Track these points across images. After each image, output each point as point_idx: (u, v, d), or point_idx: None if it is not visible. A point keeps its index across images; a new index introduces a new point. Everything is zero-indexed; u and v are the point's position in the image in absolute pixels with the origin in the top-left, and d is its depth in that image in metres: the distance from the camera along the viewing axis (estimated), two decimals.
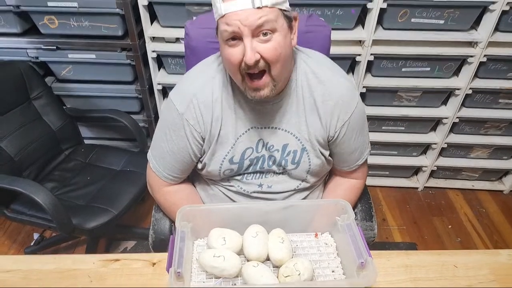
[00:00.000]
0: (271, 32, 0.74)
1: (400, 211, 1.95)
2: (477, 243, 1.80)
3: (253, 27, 0.72)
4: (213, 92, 0.87)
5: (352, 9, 1.47)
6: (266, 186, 0.97)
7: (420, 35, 1.52)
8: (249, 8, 0.71)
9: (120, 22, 1.51)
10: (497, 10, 1.43)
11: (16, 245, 1.72)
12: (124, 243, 1.72)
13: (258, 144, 0.91)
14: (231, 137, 0.90)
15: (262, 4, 0.71)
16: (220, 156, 0.91)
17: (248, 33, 0.72)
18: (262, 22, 0.72)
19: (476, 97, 1.71)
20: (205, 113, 0.87)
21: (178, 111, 0.87)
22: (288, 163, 0.93)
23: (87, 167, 1.61)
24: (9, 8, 1.49)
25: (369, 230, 1.04)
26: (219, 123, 0.88)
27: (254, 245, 0.82)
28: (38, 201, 1.22)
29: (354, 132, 0.92)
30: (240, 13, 0.71)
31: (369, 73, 1.67)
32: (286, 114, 0.89)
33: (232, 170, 0.93)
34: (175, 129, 0.90)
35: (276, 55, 0.75)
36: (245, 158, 0.92)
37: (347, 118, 0.89)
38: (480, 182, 2.07)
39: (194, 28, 1.05)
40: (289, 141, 0.91)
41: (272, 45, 0.75)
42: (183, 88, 0.90)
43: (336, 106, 0.87)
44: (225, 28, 0.73)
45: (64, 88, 1.73)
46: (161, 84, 1.67)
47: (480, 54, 1.55)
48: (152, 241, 1.03)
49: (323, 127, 0.89)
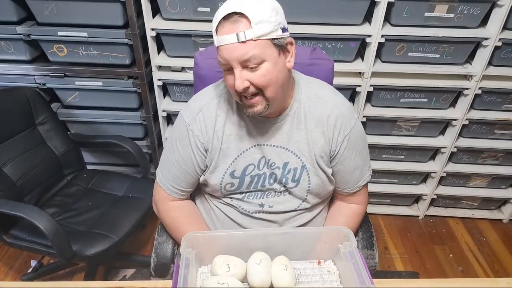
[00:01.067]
0: (258, 64, 0.80)
1: (401, 240, 1.94)
2: (478, 272, 1.78)
3: (240, 60, 0.79)
4: (217, 109, 0.94)
5: (352, 43, 1.53)
6: (267, 206, 0.99)
7: (417, 68, 1.58)
8: (235, 42, 0.77)
9: (128, 51, 1.56)
10: (490, 46, 1.50)
11: (13, 272, 1.69)
12: (123, 270, 1.70)
13: (260, 161, 0.95)
14: (234, 152, 0.94)
15: (246, 38, 0.77)
16: (222, 169, 0.95)
17: (236, 64, 0.80)
18: (247, 57, 0.78)
19: (473, 128, 1.75)
20: (208, 125, 0.93)
21: (185, 122, 0.95)
22: (289, 181, 0.96)
23: (89, 193, 1.61)
24: (20, 37, 1.54)
25: (370, 259, 1.04)
26: (220, 137, 0.93)
27: (258, 272, 0.82)
28: (39, 227, 1.22)
29: (354, 150, 0.96)
30: (228, 47, 0.78)
31: (369, 103, 1.72)
32: (287, 133, 0.94)
33: (233, 184, 0.96)
34: (181, 139, 0.96)
35: (265, 81, 0.81)
36: (246, 174, 0.95)
37: (347, 133, 0.94)
38: (479, 211, 2.07)
39: (203, 58, 1.11)
40: (290, 159, 0.95)
41: (261, 73, 0.81)
42: (192, 103, 0.98)
43: (338, 121, 0.93)
44: (219, 58, 0.82)
45: (69, 114, 1.76)
46: (166, 111, 1.71)
47: (475, 86, 1.60)
48: (154, 265, 1.03)
49: (327, 142, 0.94)
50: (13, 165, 1.47)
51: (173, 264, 1.03)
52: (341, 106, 0.95)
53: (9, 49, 1.59)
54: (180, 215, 1.02)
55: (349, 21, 1.52)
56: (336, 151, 0.95)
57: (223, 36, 0.78)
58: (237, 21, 0.77)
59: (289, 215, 1.01)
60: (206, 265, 0.89)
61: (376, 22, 1.47)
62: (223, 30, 0.78)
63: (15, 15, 1.53)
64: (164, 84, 1.66)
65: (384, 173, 1.91)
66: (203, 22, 1.51)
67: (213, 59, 1.08)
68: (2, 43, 1.57)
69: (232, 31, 0.77)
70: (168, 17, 1.52)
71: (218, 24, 0.79)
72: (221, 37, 0.78)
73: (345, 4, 1.45)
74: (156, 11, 1.54)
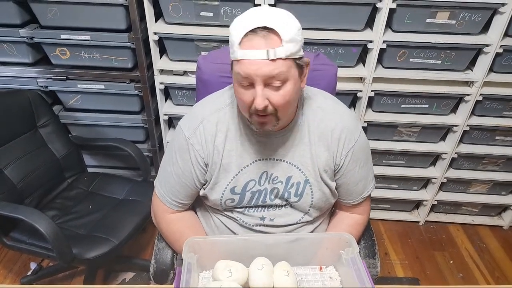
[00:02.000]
0: (283, 83, 0.77)
1: (402, 245, 1.94)
2: (478, 279, 1.78)
3: (265, 77, 0.75)
4: (218, 123, 0.90)
5: (354, 48, 1.54)
6: (268, 219, 0.97)
7: (418, 74, 1.59)
8: (264, 59, 0.74)
9: (130, 55, 1.57)
10: (491, 52, 1.51)
11: (12, 275, 1.68)
12: (122, 274, 1.69)
13: (262, 177, 0.93)
14: (235, 167, 0.92)
15: (276, 57, 0.74)
16: (222, 185, 0.93)
17: (260, 82, 0.76)
18: (274, 74, 0.75)
19: (474, 134, 1.76)
20: (208, 140, 0.90)
21: (185, 135, 0.91)
22: (292, 195, 0.94)
23: (90, 196, 1.61)
24: (23, 40, 1.54)
25: (372, 268, 1.04)
26: (220, 153, 0.91)
27: (260, 277, 0.82)
28: (39, 230, 1.22)
29: (358, 162, 0.95)
30: (255, 63, 0.74)
31: (370, 109, 1.72)
32: (290, 147, 0.92)
33: (233, 200, 0.95)
34: (181, 153, 0.93)
35: (284, 102, 0.79)
36: (247, 190, 0.93)
37: (351, 146, 0.92)
38: (480, 217, 2.07)
39: (206, 62, 1.10)
40: (293, 173, 0.93)
41: (282, 94, 0.78)
42: (192, 116, 0.94)
43: (342, 134, 0.91)
44: (239, 72, 0.76)
45: (71, 117, 1.76)
46: (167, 115, 1.71)
47: (476, 93, 1.61)
48: (153, 271, 1.03)
49: (331, 155, 0.92)
50: (14, 167, 1.47)
51: (172, 270, 1.02)
52: (345, 118, 0.93)
53: (12, 52, 1.60)
54: (180, 227, 1.00)
55: (351, 27, 1.52)
56: (340, 165, 0.93)
57: (250, 50, 0.74)
58: (267, 37, 0.73)
59: (290, 228, 0.99)
60: (207, 270, 0.89)
61: (378, 28, 1.47)
62: (251, 44, 0.74)
63: (19, 18, 1.53)
64: (166, 87, 1.66)
65: (384, 178, 1.91)
66: (206, 26, 1.52)
67: (216, 64, 1.09)
68: (5, 45, 1.58)
69: (262, 47, 0.73)
70: (171, 21, 1.53)
71: (244, 37, 0.74)
72: (247, 51, 0.74)
73: (347, 10, 1.46)
74: (158, 15, 1.55)
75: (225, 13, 1.48)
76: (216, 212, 1.01)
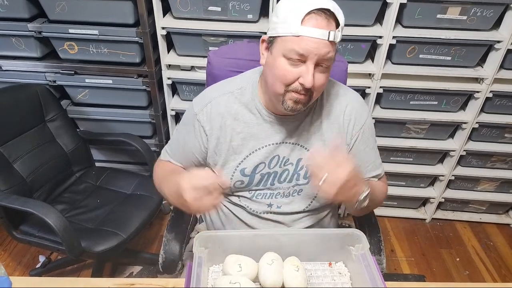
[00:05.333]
0: (329, 66, 0.82)
1: (408, 243, 1.93)
2: (485, 276, 1.77)
3: (321, 58, 0.79)
4: (227, 105, 0.93)
5: (363, 44, 1.53)
6: (275, 206, 0.99)
7: (428, 70, 1.57)
8: (324, 39, 0.77)
9: (138, 50, 1.57)
10: (502, 49, 1.49)
11: (21, 267, 1.70)
12: (130, 267, 1.70)
13: (272, 160, 0.95)
14: (245, 149, 0.94)
15: (334, 39, 0.78)
16: (232, 166, 0.95)
17: (314, 60, 0.79)
18: (328, 57, 0.79)
19: (483, 131, 1.74)
20: (216, 120, 0.94)
21: (194, 110, 0.96)
22: (300, 177, 0.96)
23: (98, 190, 1.62)
24: (31, 34, 1.54)
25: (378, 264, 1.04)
26: (229, 134, 0.93)
27: (269, 272, 0.82)
28: (49, 223, 1.23)
29: (367, 144, 0.98)
30: (316, 41, 0.77)
31: (378, 105, 1.71)
32: (302, 130, 0.94)
33: (242, 182, 0.96)
34: (187, 125, 0.98)
35: (323, 85, 0.84)
36: (257, 172, 0.95)
37: (360, 126, 0.96)
38: (487, 215, 2.06)
39: (217, 57, 1.11)
40: (303, 156, 0.95)
41: (325, 77, 0.83)
42: (205, 93, 0.99)
43: (351, 115, 0.95)
44: (295, 48, 0.78)
45: (79, 111, 1.77)
46: (174, 110, 1.71)
47: (486, 90, 1.59)
48: (162, 261, 1.03)
49: (342, 136, 0.95)
50: (23, 161, 1.48)
51: (180, 261, 1.03)
52: (354, 101, 0.97)
53: (20, 46, 1.60)
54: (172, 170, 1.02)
55: (361, 22, 1.51)
56: (350, 145, 0.96)
57: (314, 28, 0.76)
58: (328, 19, 0.77)
59: (297, 216, 1.00)
60: (217, 264, 0.89)
61: (388, 24, 1.46)
62: (315, 22, 0.76)
63: (27, 12, 1.53)
64: (173, 83, 1.66)
65: (391, 175, 1.90)
66: (214, 21, 1.51)
67: (227, 59, 1.10)
68: (14, 39, 1.58)
69: (325, 28, 0.77)
70: (179, 16, 1.52)
71: (307, 14, 0.76)
72: (310, 29, 0.76)
73: (357, 5, 1.45)
74: (166, 9, 1.55)
75: (233, 8, 1.47)
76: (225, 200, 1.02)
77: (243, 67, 1.06)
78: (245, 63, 1.08)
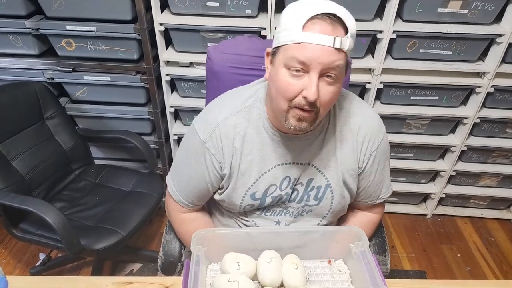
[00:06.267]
0: (336, 78, 0.73)
1: (409, 238, 1.93)
2: (486, 272, 1.77)
3: (325, 67, 0.71)
4: (236, 126, 0.86)
5: (363, 39, 1.51)
6: (283, 224, 0.96)
7: (429, 65, 1.56)
8: (329, 46, 0.70)
9: (136, 46, 1.56)
10: (504, 43, 1.47)
11: (21, 265, 1.70)
12: (130, 265, 1.71)
13: (283, 181, 0.89)
14: (255, 173, 0.88)
15: (342, 47, 0.70)
16: (242, 191, 0.90)
17: (317, 71, 0.71)
18: (334, 66, 0.71)
19: (484, 126, 1.73)
20: (225, 144, 0.86)
21: (201, 139, 0.87)
22: (311, 199, 0.92)
23: (97, 188, 1.62)
24: (28, 31, 1.53)
25: (382, 265, 1.03)
26: (238, 157, 0.87)
27: (268, 270, 0.81)
28: (48, 221, 1.22)
29: (380, 164, 0.92)
30: (319, 48, 0.70)
31: (378, 101, 1.70)
32: (314, 150, 0.88)
33: (253, 205, 0.92)
34: (196, 156, 0.89)
35: (330, 100, 0.75)
36: (268, 195, 0.90)
37: (375, 148, 0.89)
38: (488, 210, 2.05)
39: (217, 53, 1.07)
40: (315, 176, 0.90)
41: (333, 91, 0.74)
42: (208, 117, 0.88)
43: (366, 136, 0.88)
44: (296, 56, 0.71)
45: (77, 109, 1.76)
46: (173, 107, 1.70)
47: (488, 84, 1.58)
48: (161, 263, 1.03)
49: (355, 158, 0.89)
50: (22, 159, 1.47)
51: (180, 262, 1.02)
52: (370, 120, 0.89)
53: (18, 43, 1.59)
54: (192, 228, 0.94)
55: (360, 17, 1.49)
56: (363, 168, 0.90)
57: (316, 34, 0.69)
58: (334, 24, 0.70)
59: None
60: (216, 263, 0.89)
61: (388, 18, 1.44)
62: (318, 28, 0.70)
63: (24, 9, 1.52)
64: (172, 79, 1.65)
65: (392, 171, 1.85)
66: (212, 17, 1.50)
67: (227, 54, 1.06)
68: (11, 37, 1.57)
69: (330, 33, 0.69)
70: (177, 12, 1.51)
71: (310, 19, 0.70)
72: (312, 35, 0.69)
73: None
74: (164, 5, 1.53)
75: (232, 3, 1.46)
76: (231, 216, 0.99)
77: (245, 63, 1.03)
78: (247, 59, 1.04)
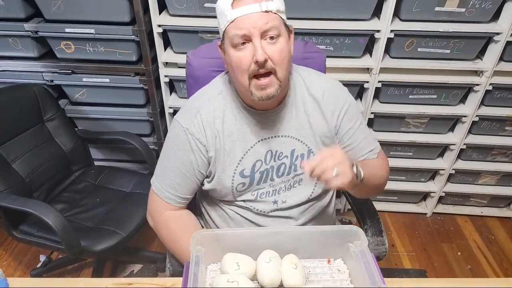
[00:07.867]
0: (277, 36, 0.82)
1: (409, 237, 1.93)
2: (487, 270, 1.77)
3: (262, 29, 0.80)
4: (215, 109, 0.92)
5: (360, 39, 1.51)
6: (281, 202, 0.98)
7: (427, 63, 1.56)
8: (257, 11, 0.79)
9: (134, 48, 1.56)
10: (501, 41, 1.47)
11: (22, 267, 1.71)
12: (130, 266, 1.71)
13: (267, 155, 0.95)
14: (239, 151, 0.93)
15: (268, 9, 0.80)
16: (230, 170, 0.94)
17: (257, 34, 0.80)
18: (269, 27, 0.80)
19: (483, 124, 1.73)
20: (207, 127, 0.92)
21: (183, 127, 0.92)
22: (298, 168, 0.97)
23: (97, 189, 1.62)
24: (28, 34, 1.54)
25: (381, 245, 1.05)
26: (221, 138, 0.92)
27: (267, 270, 0.81)
28: (48, 223, 1.23)
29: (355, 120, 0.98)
30: (250, 17, 0.79)
31: (377, 100, 1.70)
32: (288, 122, 0.94)
33: (244, 184, 0.96)
34: (180, 144, 0.93)
35: (282, 57, 0.83)
36: (256, 171, 0.95)
37: (341, 107, 0.96)
38: (488, 208, 2.05)
39: (196, 58, 1.09)
40: (296, 146, 0.96)
41: (279, 47, 0.82)
42: (187, 107, 0.96)
43: (330, 98, 0.96)
44: (236, 32, 0.80)
45: (77, 111, 1.76)
46: (172, 108, 1.71)
47: (486, 82, 1.58)
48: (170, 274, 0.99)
49: (327, 121, 0.95)
50: (22, 161, 1.48)
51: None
52: (331, 84, 0.98)
53: (17, 46, 1.60)
54: (179, 226, 0.97)
55: (358, 16, 1.50)
56: (338, 127, 0.97)
57: (243, 6, 0.79)
58: None
59: (303, 207, 1.00)
60: (215, 263, 0.89)
61: (385, 17, 1.45)
62: (243, 1, 0.79)
63: (23, 12, 1.53)
64: (171, 80, 1.65)
65: (391, 170, 1.87)
66: (210, 18, 1.50)
67: (206, 59, 1.08)
68: (10, 40, 1.58)
69: (253, 2, 0.79)
70: (175, 13, 1.51)
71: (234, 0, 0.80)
72: (240, 8, 0.79)
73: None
74: (162, 7, 1.54)
75: None
76: (229, 204, 1.01)
77: None
78: None
